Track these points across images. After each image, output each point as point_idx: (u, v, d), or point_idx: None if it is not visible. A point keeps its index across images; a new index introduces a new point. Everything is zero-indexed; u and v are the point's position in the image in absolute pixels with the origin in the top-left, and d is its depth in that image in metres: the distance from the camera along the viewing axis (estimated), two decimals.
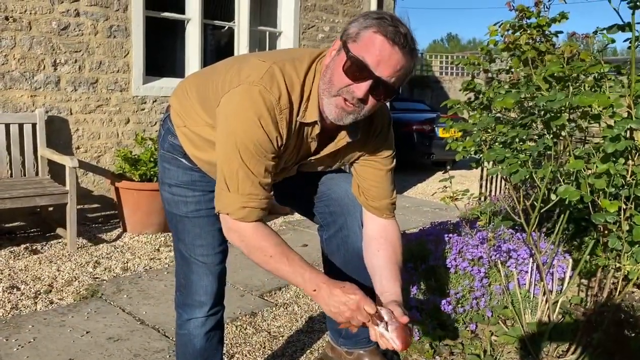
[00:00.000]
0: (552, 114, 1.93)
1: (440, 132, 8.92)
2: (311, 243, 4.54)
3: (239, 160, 1.35)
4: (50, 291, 3.26)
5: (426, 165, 10.00)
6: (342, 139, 1.50)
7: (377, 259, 1.58)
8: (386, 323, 1.30)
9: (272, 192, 1.47)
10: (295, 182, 1.75)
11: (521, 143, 2.17)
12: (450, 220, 3.46)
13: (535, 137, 2.29)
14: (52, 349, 2.56)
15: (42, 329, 2.75)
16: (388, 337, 1.30)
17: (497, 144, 2.34)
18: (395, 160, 1.67)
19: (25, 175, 4.18)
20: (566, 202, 2.05)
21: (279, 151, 1.41)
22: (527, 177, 2.09)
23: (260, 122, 1.33)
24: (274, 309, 3.23)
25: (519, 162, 2.06)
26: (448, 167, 2.56)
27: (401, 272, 1.60)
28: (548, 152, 2.08)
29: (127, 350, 2.59)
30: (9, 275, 3.46)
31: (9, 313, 2.93)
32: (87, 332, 2.74)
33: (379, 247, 1.60)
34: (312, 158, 1.56)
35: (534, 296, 2.46)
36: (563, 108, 1.90)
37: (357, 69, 1.27)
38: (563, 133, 2.02)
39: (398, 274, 1.56)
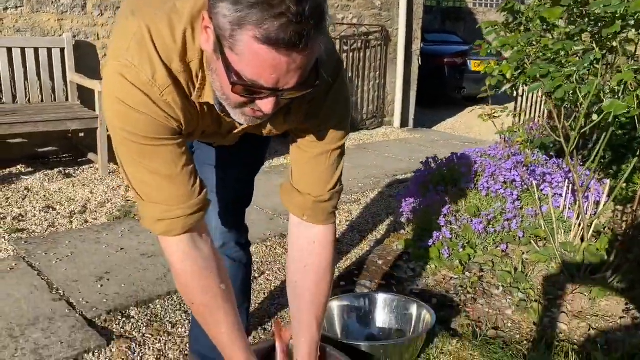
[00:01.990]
0: (604, 22, 1.82)
1: (472, 66, 8.66)
2: None
3: (132, 158, 1.04)
4: (85, 212, 3.33)
5: (456, 100, 9.78)
6: None
7: (298, 287, 1.25)
8: None
9: (200, 187, 1.11)
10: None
11: (566, 57, 2.06)
12: (482, 147, 3.39)
13: (581, 52, 2.18)
14: (88, 263, 2.64)
15: (79, 245, 2.83)
16: None
17: (538, 60, 2.23)
18: (339, 140, 1.20)
19: (55, 100, 4.20)
20: (609, 120, 1.97)
21: (179, 131, 1.06)
22: (570, 93, 2.00)
23: (129, 104, 1.00)
24: None
25: (563, 76, 1.97)
26: (489, 100, 2.45)
27: (327, 300, 1.28)
28: (595, 66, 1.98)
29: (160, 265, 2.65)
30: (44, 196, 3.54)
31: (46, 230, 3.01)
32: (121, 249, 2.82)
33: (307, 263, 1.25)
34: (235, 131, 1.23)
35: (567, 219, 2.42)
36: (616, 15, 1.78)
37: (251, 92, 0.92)
38: (614, 43, 1.91)
39: (319, 310, 1.24)
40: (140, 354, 2.02)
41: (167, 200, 1.05)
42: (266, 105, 0.94)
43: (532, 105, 5.83)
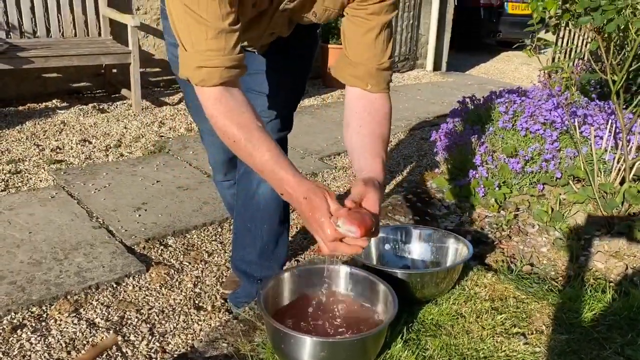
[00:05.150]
0: None
1: (509, 8, 8.32)
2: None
3: (184, 5, 1.07)
4: (120, 145, 3.38)
5: (490, 45, 9.48)
6: None
7: (358, 137, 1.26)
8: (335, 220, 1.02)
9: (240, 50, 1.15)
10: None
11: None
12: (522, 87, 3.30)
13: None
14: (126, 194, 2.70)
15: (116, 177, 2.89)
16: (343, 231, 1.02)
17: None
18: (393, 11, 1.26)
19: (88, 35, 4.19)
20: None
21: None
22: (621, 28, 1.91)
23: None
24: (333, 170, 3.27)
25: (615, 10, 1.87)
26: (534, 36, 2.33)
27: (387, 148, 1.28)
28: None
29: (196, 198, 2.70)
30: (80, 130, 3.60)
31: (83, 162, 3.08)
32: (157, 181, 2.87)
33: (361, 123, 1.28)
34: (290, 4, 1.26)
35: (607, 161, 2.36)
36: None
37: None
38: None
39: (381, 150, 1.24)
40: (179, 280, 2.09)
41: (209, 49, 1.10)
42: None
43: (571, 49, 5.61)
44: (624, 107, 2.49)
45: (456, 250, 1.63)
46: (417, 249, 1.68)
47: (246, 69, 1.18)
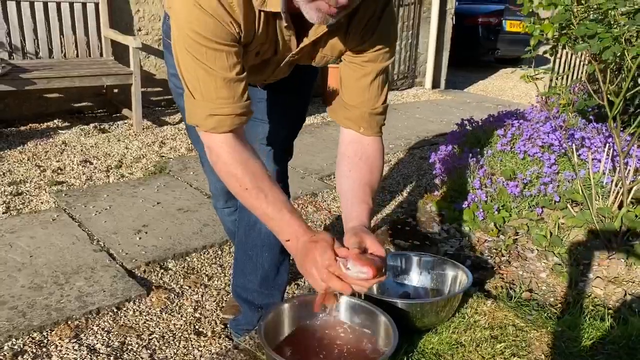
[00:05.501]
0: None
1: (507, 26, 8.40)
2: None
3: (193, 57, 1.11)
4: (121, 166, 3.40)
5: (489, 62, 9.55)
6: (320, 25, 1.20)
7: (347, 181, 1.29)
8: (344, 261, 1.03)
9: (248, 97, 1.18)
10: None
11: (614, 17, 1.99)
12: (519, 109, 3.33)
13: (632, 13, 2.09)
14: (127, 216, 2.71)
15: (117, 198, 2.90)
16: (353, 273, 1.03)
17: (585, 20, 2.16)
18: (389, 59, 1.29)
19: (90, 55, 4.24)
20: None
21: (238, 38, 1.14)
22: (618, 54, 1.94)
23: (201, 5, 1.07)
24: (333, 190, 3.28)
25: (612, 37, 1.90)
26: (532, 61, 2.38)
27: (374, 196, 1.31)
28: None
29: (196, 220, 2.71)
30: (81, 150, 3.62)
31: (84, 183, 3.09)
32: (158, 203, 2.88)
33: (351, 167, 1.30)
34: (292, 52, 1.28)
35: (605, 185, 2.38)
36: None
37: None
38: None
39: (368, 197, 1.26)
40: (179, 304, 2.09)
41: (218, 98, 1.14)
42: None
43: (569, 68, 5.66)
44: (622, 128, 2.51)
45: (456, 277, 1.64)
46: (417, 276, 1.69)
47: (252, 113, 1.21)
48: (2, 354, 1.74)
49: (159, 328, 1.95)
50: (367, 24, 1.23)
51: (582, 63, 5.52)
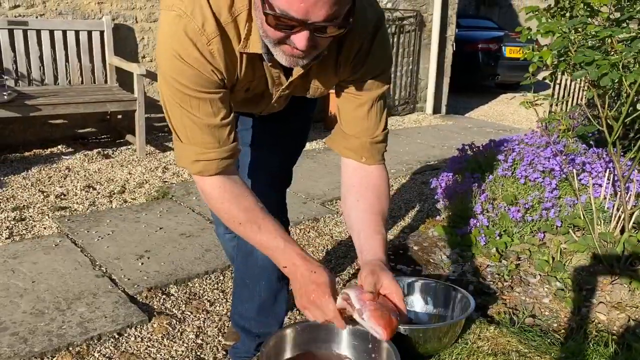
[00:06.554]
0: None
1: (507, 52, 8.50)
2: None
3: (178, 104, 1.13)
4: (124, 192, 3.42)
5: (489, 87, 9.64)
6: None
7: (356, 212, 1.28)
8: (360, 309, 1.01)
9: (234, 138, 1.19)
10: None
11: (611, 45, 2.02)
12: (520, 135, 3.35)
13: (629, 40, 2.13)
14: (129, 241, 2.71)
15: (119, 224, 2.91)
16: (366, 326, 1.02)
17: (582, 48, 2.19)
18: (384, 86, 1.28)
19: (95, 82, 4.29)
20: None
21: (222, 84, 1.14)
22: (616, 81, 1.97)
23: (182, 57, 1.08)
24: (335, 215, 3.28)
25: (609, 64, 1.93)
26: (531, 87, 2.41)
27: (386, 224, 1.30)
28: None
29: (198, 245, 2.72)
30: (85, 176, 3.64)
31: (87, 209, 3.10)
32: (160, 228, 2.89)
33: (358, 197, 1.29)
34: (283, 86, 1.27)
35: (606, 209, 2.38)
36: None
37: (284, 25, 0.97)
38: None
39: (381, 226, 1.25)
40: (180, 330, 2.08)
41: (204, 143, 1.16)
42: (300, 40, 0.98)
43: (569, 93, 5.71)
44: (622, 153, 2.53)
45: (459, 303, 1.63)
46: (420, 301, 1.69)
47: (240, 151, 1.24)
48: None
49: (161, 354, 1.93)
50: (356, 56, 1.22)
51: (581, 88, 5.57)
